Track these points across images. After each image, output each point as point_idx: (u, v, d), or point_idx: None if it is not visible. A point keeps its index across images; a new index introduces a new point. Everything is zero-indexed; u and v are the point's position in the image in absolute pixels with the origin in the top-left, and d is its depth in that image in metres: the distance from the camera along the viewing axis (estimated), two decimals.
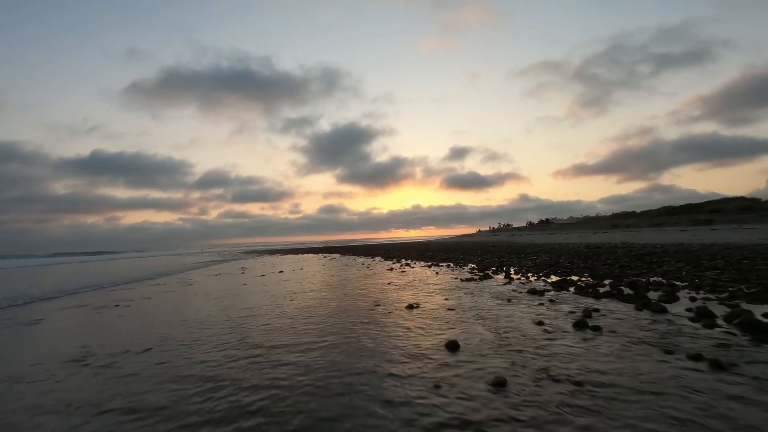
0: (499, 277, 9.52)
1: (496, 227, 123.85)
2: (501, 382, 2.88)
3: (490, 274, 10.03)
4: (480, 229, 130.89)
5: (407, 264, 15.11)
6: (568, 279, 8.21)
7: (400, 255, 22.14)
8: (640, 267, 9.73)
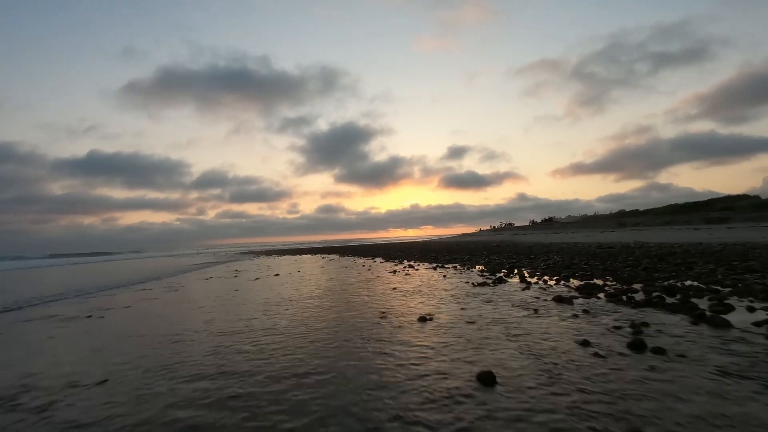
0: (514, 281, 8.71)
1: (497, 226, 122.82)
2: None
3: (503, 277, 9.21)
4: (481, 228, 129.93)
5: (410, 266, 14.28)
6: (591, 283, 7.41)
7: (401, 256, 21.29)
8: (666, 269, 8.93)
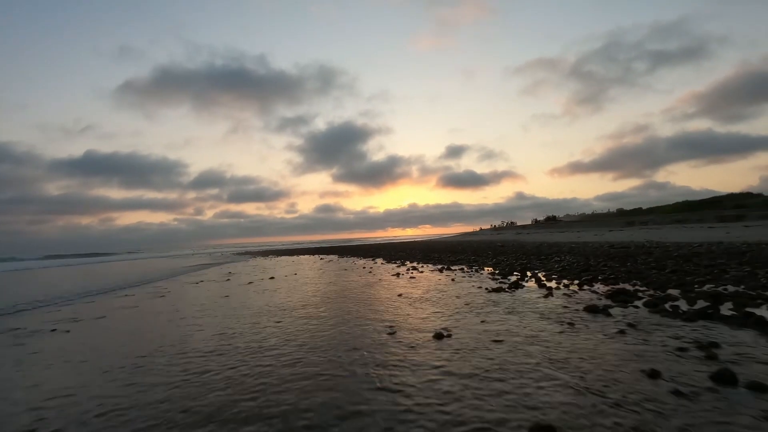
0: (531, 285, 7.91)
1: (498, 225, 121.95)
2: None
3: (519, 281, 8.39)
4: (481, 228, 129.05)
5: (414, 268, 13.45)
6: (620, 288, 6.61)
7: (403, 256, 20.46)
8: (697, 272, 8.13)
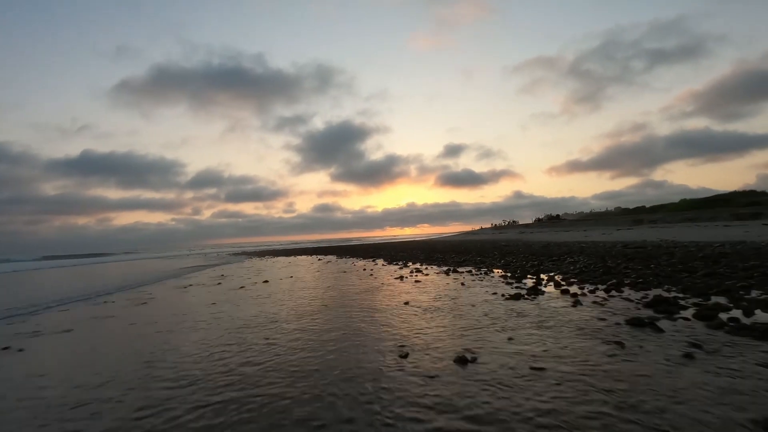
0: (551, 291, 7.12)
1: (499, 224, 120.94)
2: None
3: (537, 286, 7.55)
4: (482, 227, 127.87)
5: (417, 270, 12.61)
6: (658, 296, 5.80)
7: (404, 257, 19.60)
8: (735, 275, 7.34)
